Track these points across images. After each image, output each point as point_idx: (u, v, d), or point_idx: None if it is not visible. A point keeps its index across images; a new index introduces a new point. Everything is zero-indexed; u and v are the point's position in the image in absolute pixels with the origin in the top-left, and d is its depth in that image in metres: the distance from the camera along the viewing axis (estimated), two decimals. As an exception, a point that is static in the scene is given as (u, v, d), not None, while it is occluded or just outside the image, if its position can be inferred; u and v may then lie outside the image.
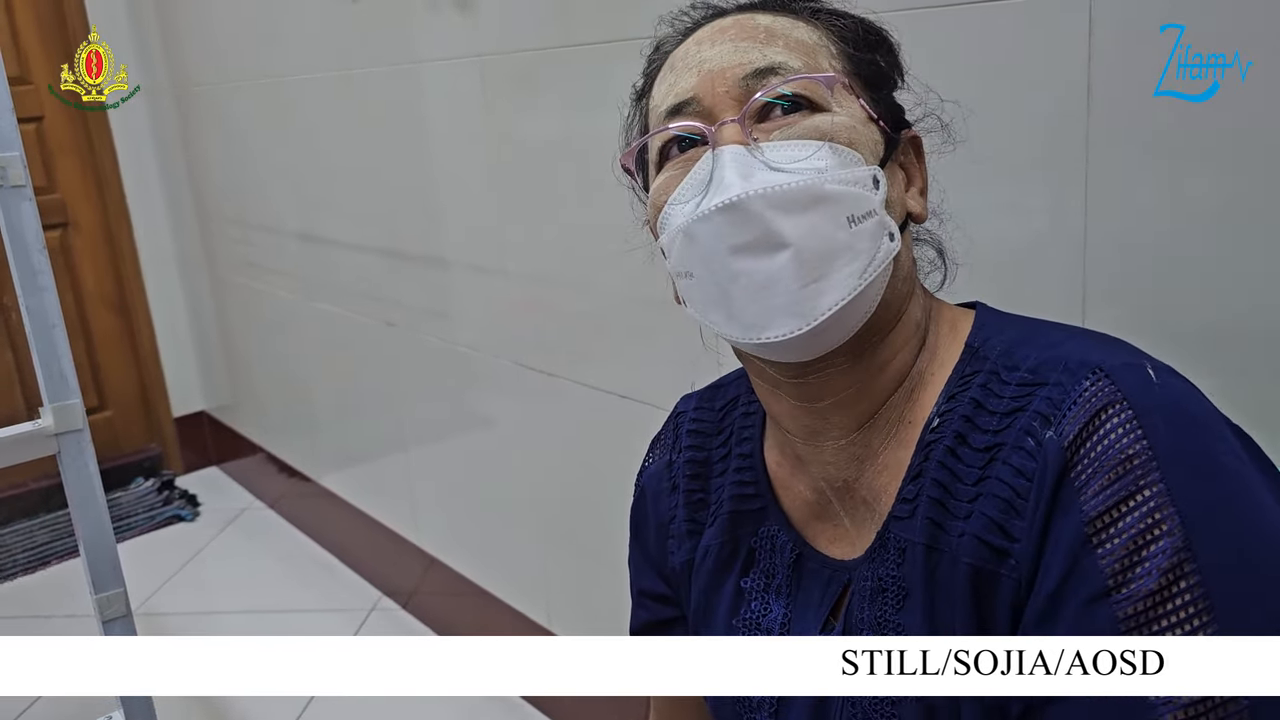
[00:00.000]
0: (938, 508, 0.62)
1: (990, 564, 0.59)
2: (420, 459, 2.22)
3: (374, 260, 2.17)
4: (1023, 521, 0.58)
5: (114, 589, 1.08)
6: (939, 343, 0.69)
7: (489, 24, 1.62)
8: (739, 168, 0.61)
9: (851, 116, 0.65)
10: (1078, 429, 0.56)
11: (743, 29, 0.67)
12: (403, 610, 2.37)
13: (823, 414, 0.68)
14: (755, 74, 0.64)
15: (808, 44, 0.67)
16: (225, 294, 3.01)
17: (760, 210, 0.60)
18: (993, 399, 0.62)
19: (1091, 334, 0.66)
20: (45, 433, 1.05)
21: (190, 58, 2.80)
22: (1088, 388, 0.57)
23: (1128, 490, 0.54)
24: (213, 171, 2.87)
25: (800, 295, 0.60)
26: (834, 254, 0.61)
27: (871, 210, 0.62)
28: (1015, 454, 0.59)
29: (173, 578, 2.67)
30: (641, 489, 0.86)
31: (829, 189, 0.61)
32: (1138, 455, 0.54)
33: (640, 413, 1.49)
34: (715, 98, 0.65)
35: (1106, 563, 0.54)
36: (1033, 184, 0.96)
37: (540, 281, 1.68)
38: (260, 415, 3.05)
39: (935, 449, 0.64)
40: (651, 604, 0.86)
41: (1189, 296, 0.88)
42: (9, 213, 1.01)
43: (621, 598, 0.91)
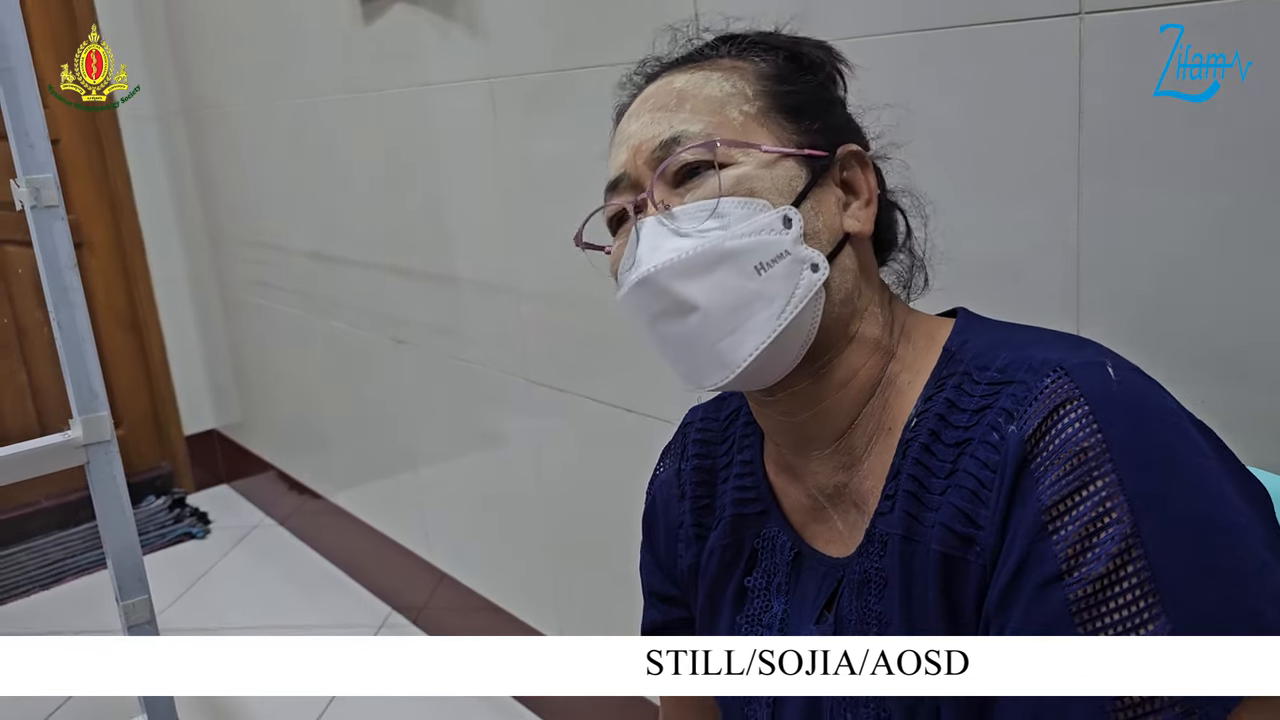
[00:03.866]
0: (913, 500, 0.66)
1: (958, 550, 0.62)
2: (430, 475, 2.24)
3: (384, 278, 2.20)
4: (987, 510, 0.61)
5: (139, 596, 1.11)
6: (915, 352, 0.72)
7: (499, 47, 1.66)
8: (650, 240, 0.68)
9: (757, 163, 0.68)
10: (1037, 423, 0.59)
11: (659, 98, 0.72)
12: (413, 625, 2.39)
13: (802, 427, 0.73)
14: (662, 145, 0.69)
15: (716, 99, 0.71)
16: (236, 313, 3.05)
17: (667, 282, 0.67)
18: (964, 398, 0.65)
19: (1063, 336, 0.69)
20: (74, 444, 1.08)
21: (203, 79, 2.85)
22: (1049, 384, 0.60)
23: (1081, 480, 0.57)
24: (224, 192, 2.91)
25: (720, 349, 0.67)
26: (745, 304, 0.66)
27: (782, 252, 0.66)
28: (981, 447, 0.62)
29: (184, 595, 2.69)
30: (652, 496, 0.90)
31: (729, 245, 0.66)
32: (1093, 448, 0.57)
33: (648, 427, 1.52)
34: (638, 170, 0.71)
35: (1060, 548, 0.57)
36: (1026, 196, 0.99)
37: (548, 298, 1.72)
38: (271, 433, 3.08)
39: (912, 446, 0.67)
40: (662, 605, 0.90)
41: (1184, 307, 0.90)
42: (42, 232, 1.04)
43: (630, 611, 0.94)
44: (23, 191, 1.06)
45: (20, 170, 1.07)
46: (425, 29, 1.81)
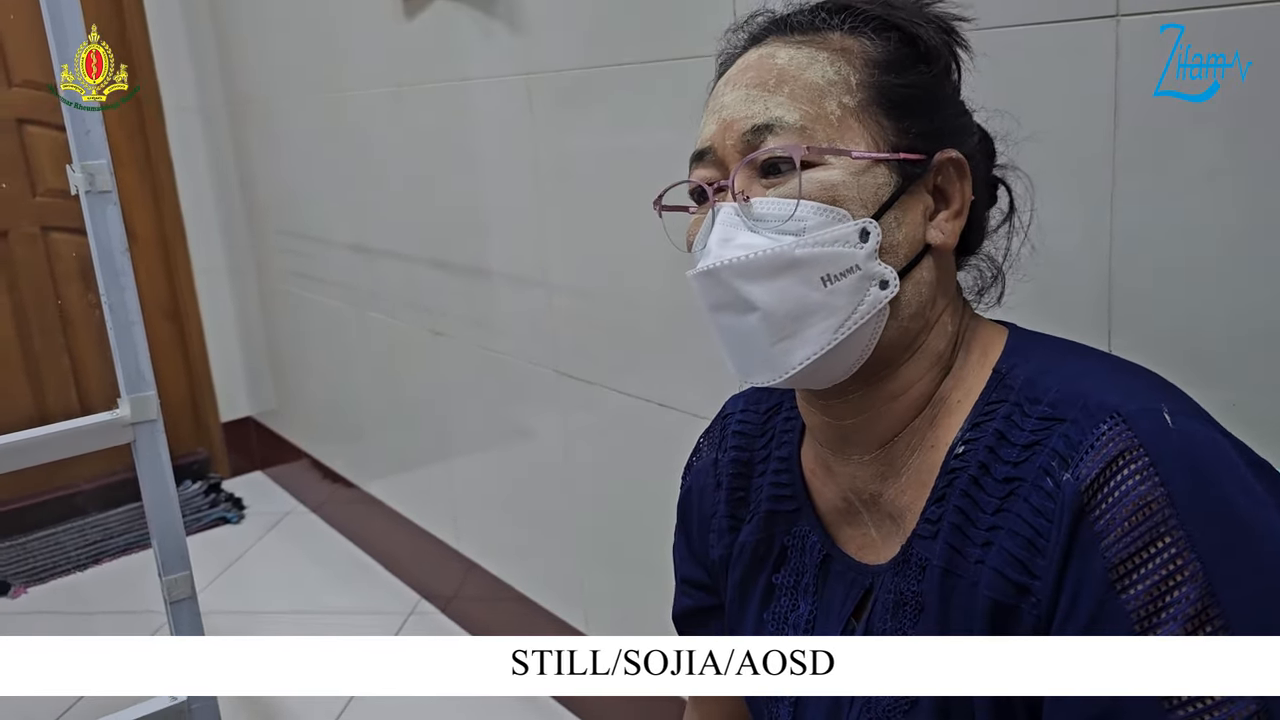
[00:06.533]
0: (957, 534, 0.66)
1: (1010, 598, 0.62)
2: (462, 465, 2.27)
3: (421, 270, 2.23)
4: (1044, 560, 0.60)
5: (181, 571, 1.15)
6: (968, 368, 0.71)
7: (537, 43, 1.68)
8: (723, 231, 0.67)
9: (845, 169, 0.66)
10: (1094, 474, 0.58)
11: (760, 72, 0.70)
12: (441, 614, 2.43)
13: (847, 431, 0.73)
14: (753, 130, 0.68)
15: (817, 86, 0.68)
16: (274, 302, 3.10)
17: (730, 279, 0.66)
18: (1014, 430, 0.64)
19: (1115, 364, 0.68)
20: (121, 422, 1.12)
21: (246, 72, 2.90)
22: (1104, 432, 0.59)
23: (1148, 537, 0.56)
24: (265, 183, 2.96)
25: (772, 352, 0.67)
26: (805, 314, 0.66)
27: (853, 266, 0.65)
28: (1034, 493, 0.61)
29: (218, 578, 2.74)
30: (688, 484, 0.91)
31: (798, 254, 0.65)
32: (1155, 502, 0.56)
33: (679, 421, 1.54)
34: (725, 150, 0.70)
35: (1131, 608, 0.56)
36: (1059, 201, 0.99)
37: (582, 292, 1.74)
38: (305, 421, 3.13)
39: (960, 477, 0.66)
40: (694, 592, 0.91)
41: (1216, 311, 0.90)
42: (96, 216, 1.08)
43: (658, 603, 0.95)
44: (78, 177, 1.10)
45: (76, 156, 1.10)
46: (465, 25, 1.84)
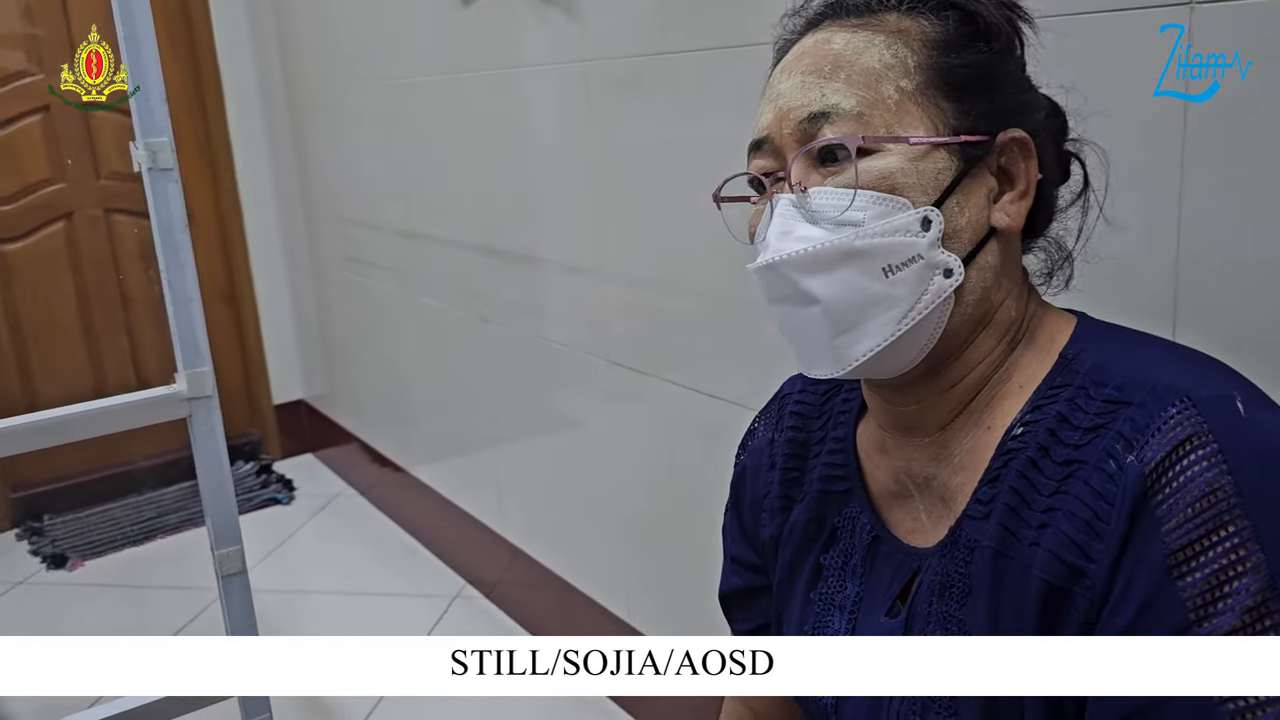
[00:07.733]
0: (1012, 515, 0.64)
1: (1065, 581, 0.60)
2: (509, 451, 2.28)
3: (472, 257, 2.24)
4: (1101, 543, 0.58)
5: (233, 545, 1.16)
6: (1031, 353, 0.69)
7: (593, 30, 1.68)
8: (781, 224, 0.67)
9: (904, 155, 0.65)
10: (1160, 457, 0.57)
11: (815, 58, 0.68)
12: (485, 599, 2.44)
13: (908, 415, 0.73)
14: (810, 118, 0.67)
15: (874, 71, 0.66)
16: (327, 287, 3.13)
17: (789, 273, 0.66)
18: (1078, 413, 0.63)
19: (1187, 354, 0.66)
20: (178, 397, 1.14)
21: (305, 58, 2.93)
22: (1173, 415, 0.57)
23: (1211, 525, 0.55)
24: (321, 168, 2.99)
25: (833, 344, 0.66)
26: (867, 305, 0.65)
27: (915, 256, 0.64)
28: (1095, 474, 0.60)
29: (267, 557, 2.79)
30: (743, 463, 0.91)
31: (858, 245, 0.64)
32: (1221, 490, 0.55)
33: (728, 412, 1.53)
34: (782, 139, 0.69)
35: (1187, 595, 0.55)
36: (1126, 199, 0.97)
37: (634, 281, 1.73)
38: (356, 405, 3.16)
39: (1016, 458, 0.65)
40: (744, 571, 0.91)
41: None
42: (158, 193, 1.09)
43: (702, 594, 0.94)
44: (141, 154, 1.11)
45: (139, 134, 1.12)
46: (522, 11, 1.84)
